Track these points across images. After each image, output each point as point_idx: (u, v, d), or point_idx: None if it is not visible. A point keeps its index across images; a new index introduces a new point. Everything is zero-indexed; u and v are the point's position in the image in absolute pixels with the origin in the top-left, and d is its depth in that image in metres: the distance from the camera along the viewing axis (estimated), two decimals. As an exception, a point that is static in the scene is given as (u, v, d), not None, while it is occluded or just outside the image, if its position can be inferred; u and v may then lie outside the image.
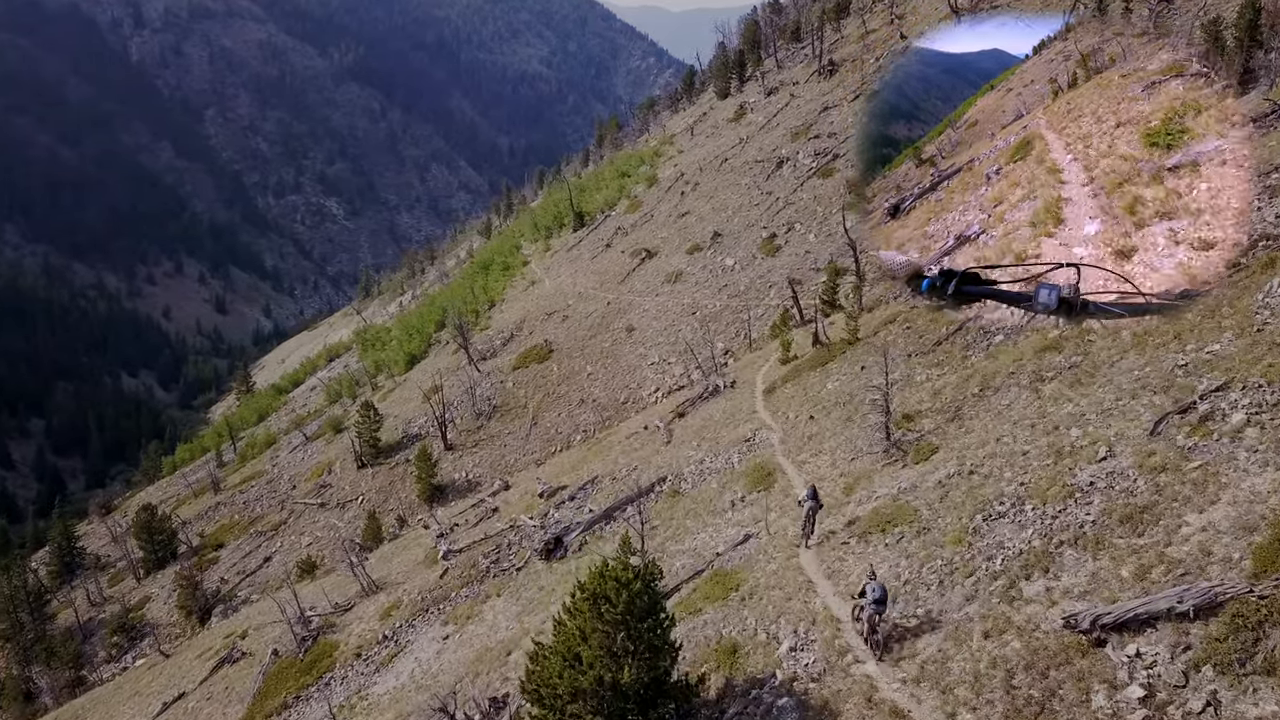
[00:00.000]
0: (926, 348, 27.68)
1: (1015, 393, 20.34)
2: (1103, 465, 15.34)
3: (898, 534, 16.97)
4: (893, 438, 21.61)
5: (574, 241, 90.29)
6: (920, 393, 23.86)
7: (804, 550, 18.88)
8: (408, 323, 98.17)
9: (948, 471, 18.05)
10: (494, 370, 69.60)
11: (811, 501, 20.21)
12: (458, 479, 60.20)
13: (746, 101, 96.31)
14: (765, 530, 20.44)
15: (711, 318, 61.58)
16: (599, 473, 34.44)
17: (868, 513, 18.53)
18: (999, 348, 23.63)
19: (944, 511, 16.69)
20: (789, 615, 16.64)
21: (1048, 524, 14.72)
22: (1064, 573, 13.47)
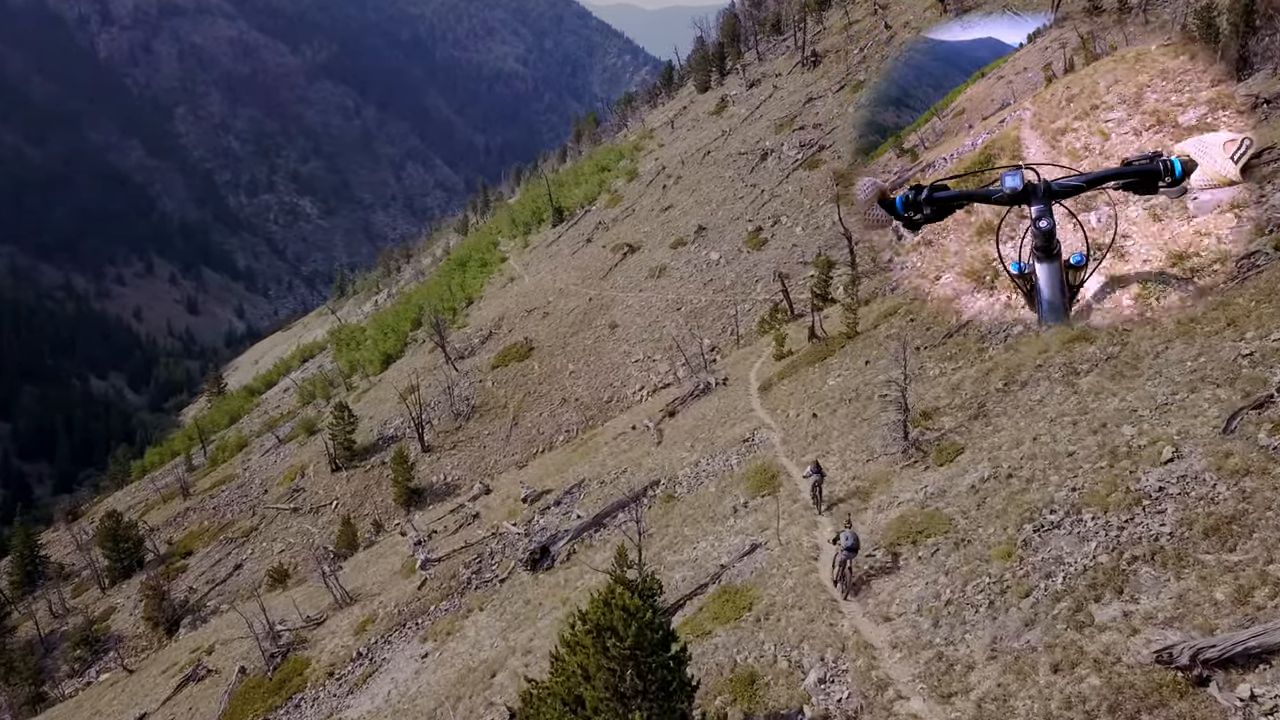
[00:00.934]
0: (936, 340, 25.97)
1: (1047, 387, 18.61)
2: (1170, 468, 13.58)
3: (932, 546, 15.14)
4: (910, 436, 19.86)
5: (553, 237, 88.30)
6: (936, 388, 22.11)
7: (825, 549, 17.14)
8: (383, 321, 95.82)
9: (981, 474, 16.28)
10: (472, 369, 67.50)
11: (816, 475, 20.97)
12: (436, 482, 58.11)
13: (728, 94, 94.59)
14: (776, 540, 18.61)
15: (697, 313, 59.80)
16: (586, 476, 32.54)
17: (892, 521, 16.73)
18: (1020, 340, 21.94)
19: (984, 520, 14.85)
20: (813, 640, 14.79)
21: (1114, 536, 12.90)
22: (1142, 594, 11.66)
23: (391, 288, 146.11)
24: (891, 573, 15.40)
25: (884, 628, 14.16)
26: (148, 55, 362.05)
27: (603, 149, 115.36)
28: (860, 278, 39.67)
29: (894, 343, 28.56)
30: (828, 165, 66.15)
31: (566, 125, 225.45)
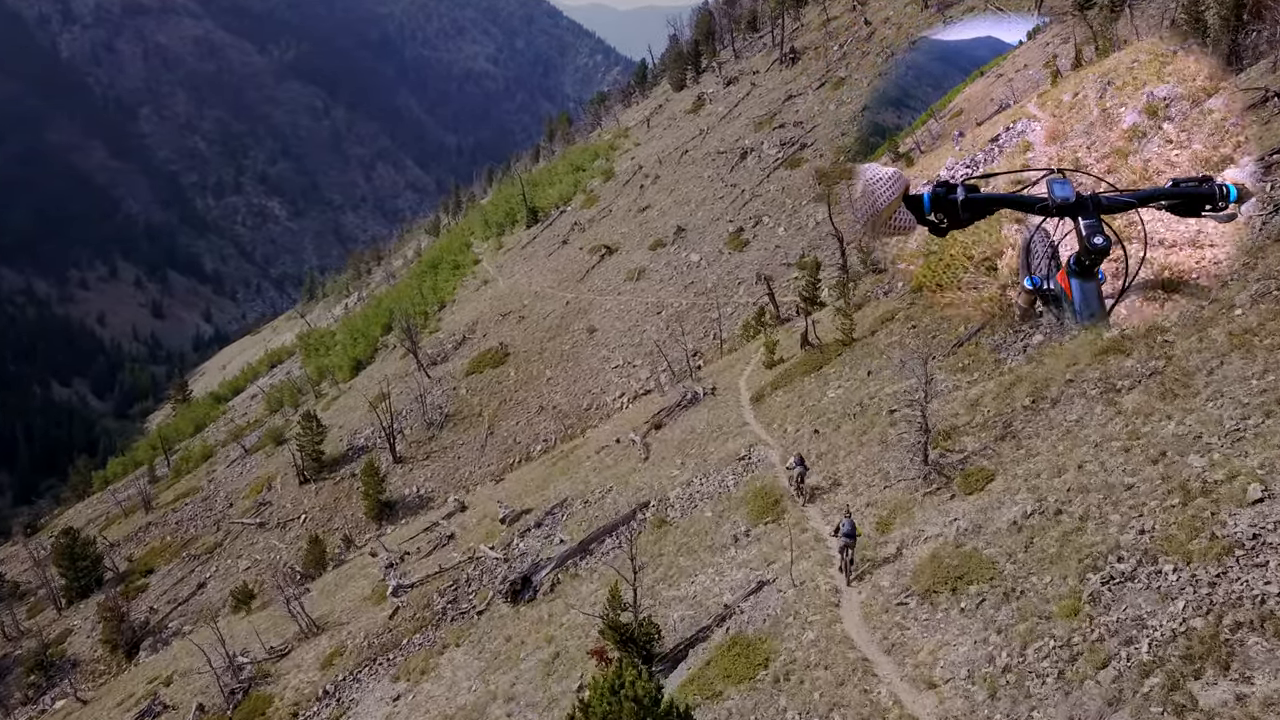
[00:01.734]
0: (944, 349, 24.23)
1: (1083, 405, 16.84)
2: (1262, 511, 11.68)
3: (976, 595, 13.19)
4: (930, 459, 18.07)
5: (528, 239, 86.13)
6: (952, 404, 20.34)
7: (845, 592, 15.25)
8: (353, 326, 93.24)
9: (1023, 509, 14.43)
10: (445, 376, 65.29)
11: (800, 468, 21.36)
12: (408, 494, 55.90)
13: (704, 92, 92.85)
14: (788, 580, 16.71)
15: (678, 317, 57.93)
16: (568, 494, 30.55)
17: (922, 560, 14.84)
18: (1042, 349, 20.22)
19: (1035, 566, 12.93)
20: (846, 710, 12.78)
21: (1205, 594, 10.98)
22: (1255, 671, 9.78)
23: (362, 290, 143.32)
24: (931, 625, 13.46)
25: (928, 696, 12.22)
26: (110, 55, 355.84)
27: (577, 148, 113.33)
28: (852, 281, 37.93)
29: (897, 351, 26.83)
30: (810, 164, 64.51)
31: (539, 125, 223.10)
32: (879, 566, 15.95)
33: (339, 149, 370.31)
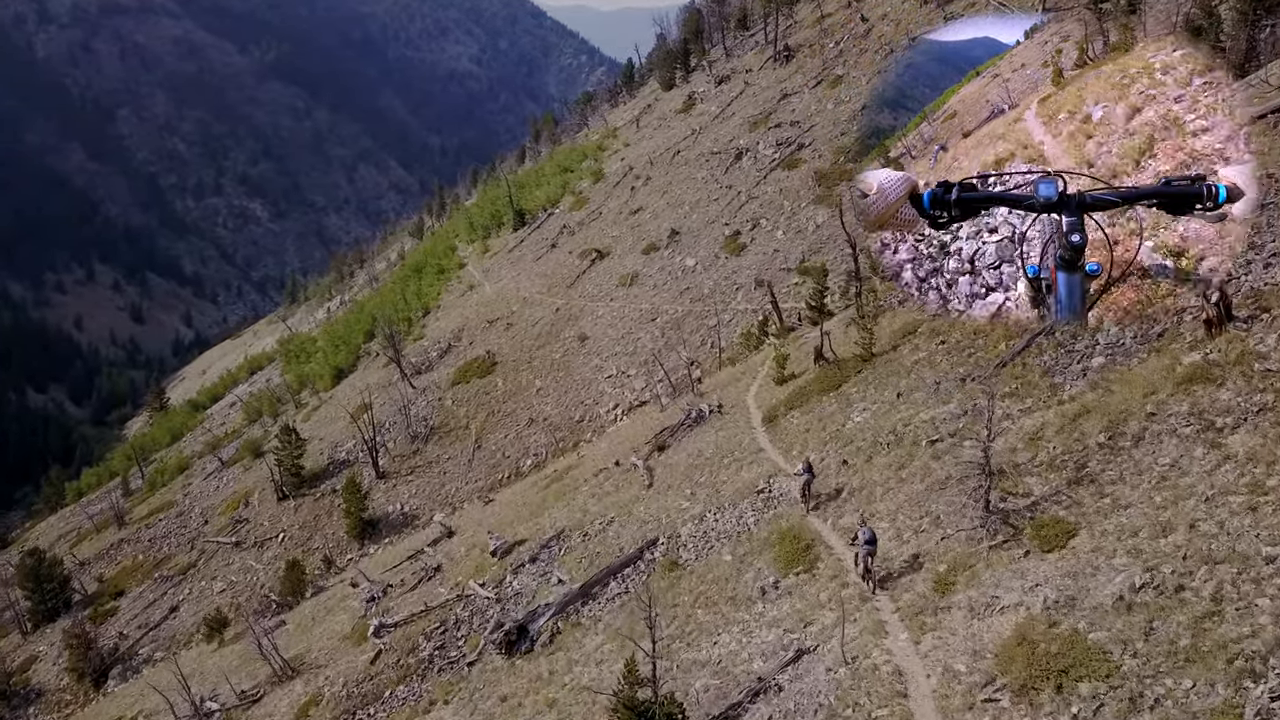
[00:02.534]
0: (983, 369, 21.86)
1: (1177, 446, 14.40)
2: None
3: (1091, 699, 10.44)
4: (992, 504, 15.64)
5: (515, 242, 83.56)
6: (1006, 436, 17.95)
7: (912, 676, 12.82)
8: (334, 332, 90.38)
9: (1128, 579, 11.86)
10: (430, 386, 62.65)
11: (807, 475, 20.85)
12: (392, 512, 53.30)
13: (695, 91, 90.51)
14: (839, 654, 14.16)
15: (673, 324, 55.52)
16: (565, 524, 28.04)
17: (1006, 639, 12.29)
18: (1108, 375, 17.85)
19: (1165, 663, 10.26)
20: None
21: None
22: None
23: (345, 294, 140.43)
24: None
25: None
26: (88, 55, 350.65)
27: (564, 149, 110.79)
28: (865, 289, 35.52)
29: (928, 371, 24.41)
30: (808, 165, 62.25)
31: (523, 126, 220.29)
32: (945, 638, 13.50)
33: (321, 150, 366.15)
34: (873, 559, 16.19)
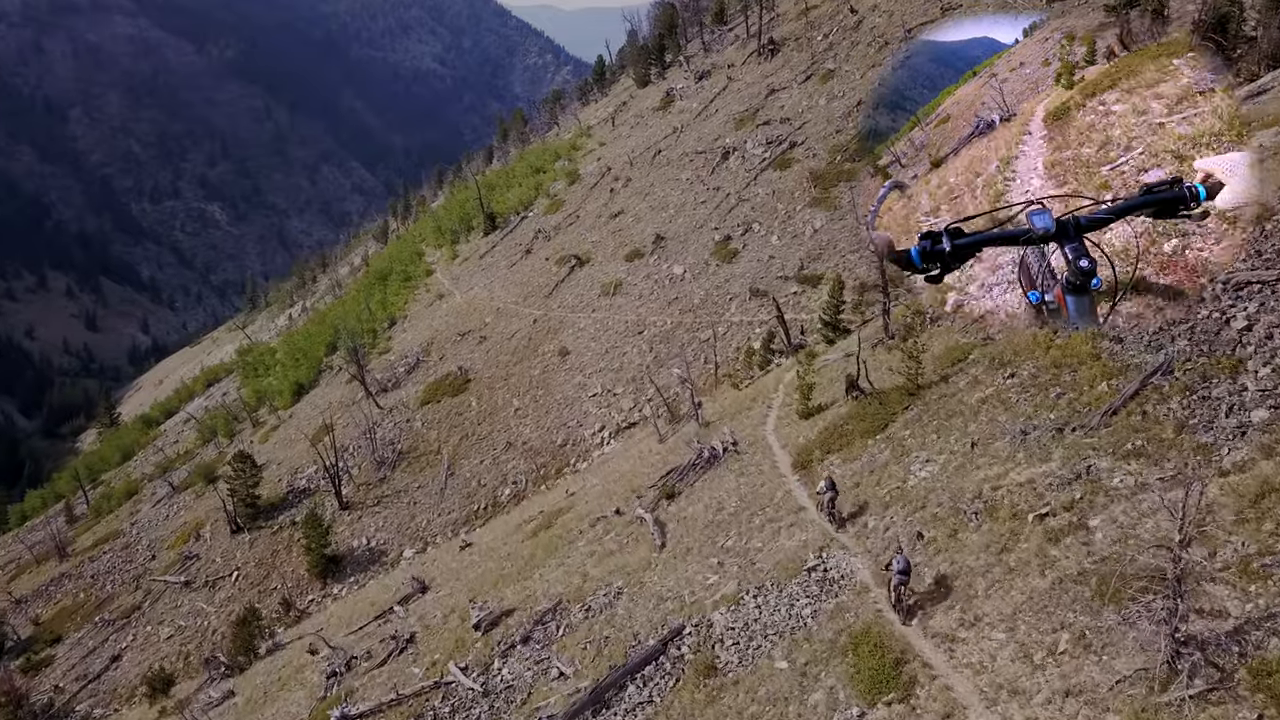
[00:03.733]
0: (1083, 416, 17.80)
1: None
2: None
3: None
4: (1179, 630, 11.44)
5: (486, 247, 78.90)
6: (1157, 519, 13.85)
7: None
8: (294, 343, 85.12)
9: None
10: (398, 405, 57.97)
11: (831, 492, 20.38)
12: (357, 547, 48.68)
13: (673, 88, 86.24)
14: None
15: (662, 338, 51.30)
16: (560, 591, 23.66)
17: None
18: (1276, 432, 13.93)
19: None
20: None
21: None
22: None
23: (307, 300, 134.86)
24: None
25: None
26: (39, 54, 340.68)
27: (535, 149, 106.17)
28: (892, 305, 31.43)
29: (1000, 412, 20.30)
30: (802, 165, 58.24)
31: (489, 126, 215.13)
32: None
33: (282, 151, 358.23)
34: (905, 588, 15.61)
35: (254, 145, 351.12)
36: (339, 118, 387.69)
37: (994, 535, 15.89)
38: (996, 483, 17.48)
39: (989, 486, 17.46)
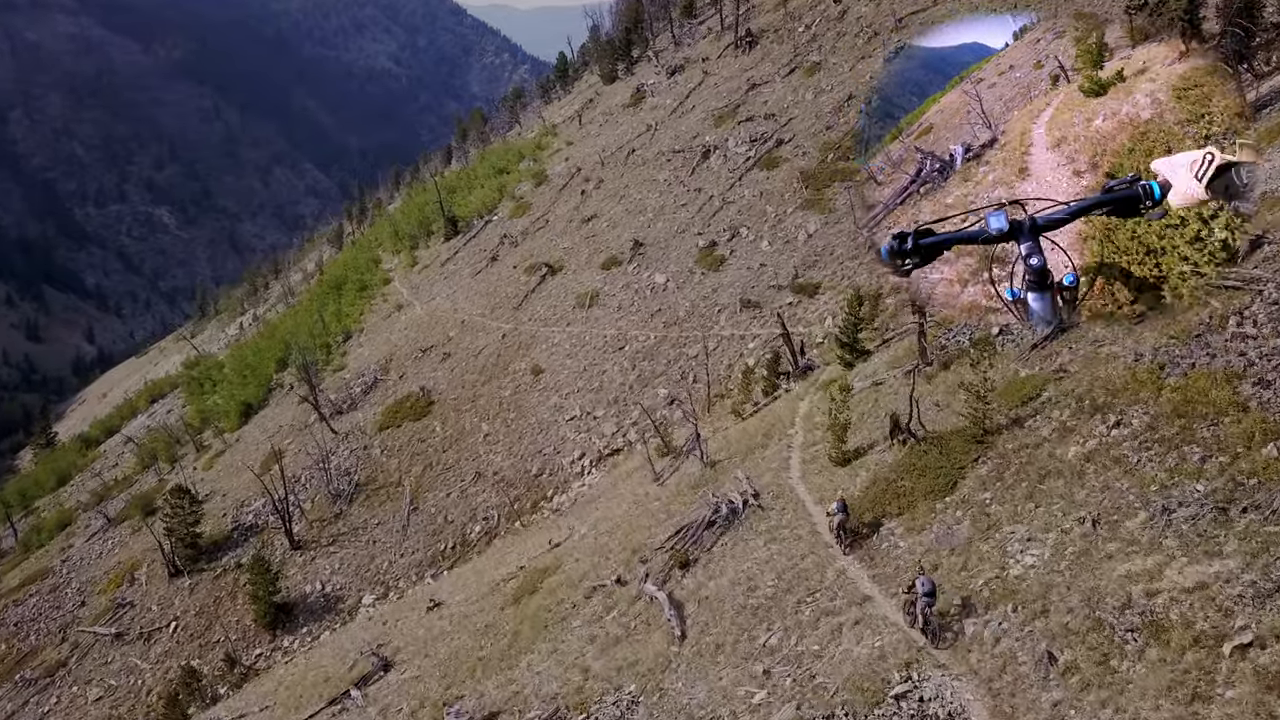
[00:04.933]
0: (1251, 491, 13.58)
1: None
2: None
3: None
4: None
5: (448, 253, 73.91)
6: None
7: None
8: (242, 358, 79.44)
9: None
10: (354, 430, 52.96)
11: (842, 514, 19.63)
12: (310, 593, 43.71)
13: (644, 84, 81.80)
14: None
15: (645, 354, 46.89)
16: (555, 692, 18.97)
17: None
18: None
19: None
20: None
21: None
22: None
23: (259, 307, 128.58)
24: None
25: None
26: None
27: (497, 149, 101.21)
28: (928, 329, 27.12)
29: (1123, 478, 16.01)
30: (790, 164, 54.11)
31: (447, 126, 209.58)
32: None
33: (233, 153, 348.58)
34: (931, 609, 15.44)
35: (203, 147, 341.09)
36: (292, 118, 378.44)
37: (1173, 672, 11.56)
38: (1150, 585, 13.17)
39: (1140, 590, 13.14)
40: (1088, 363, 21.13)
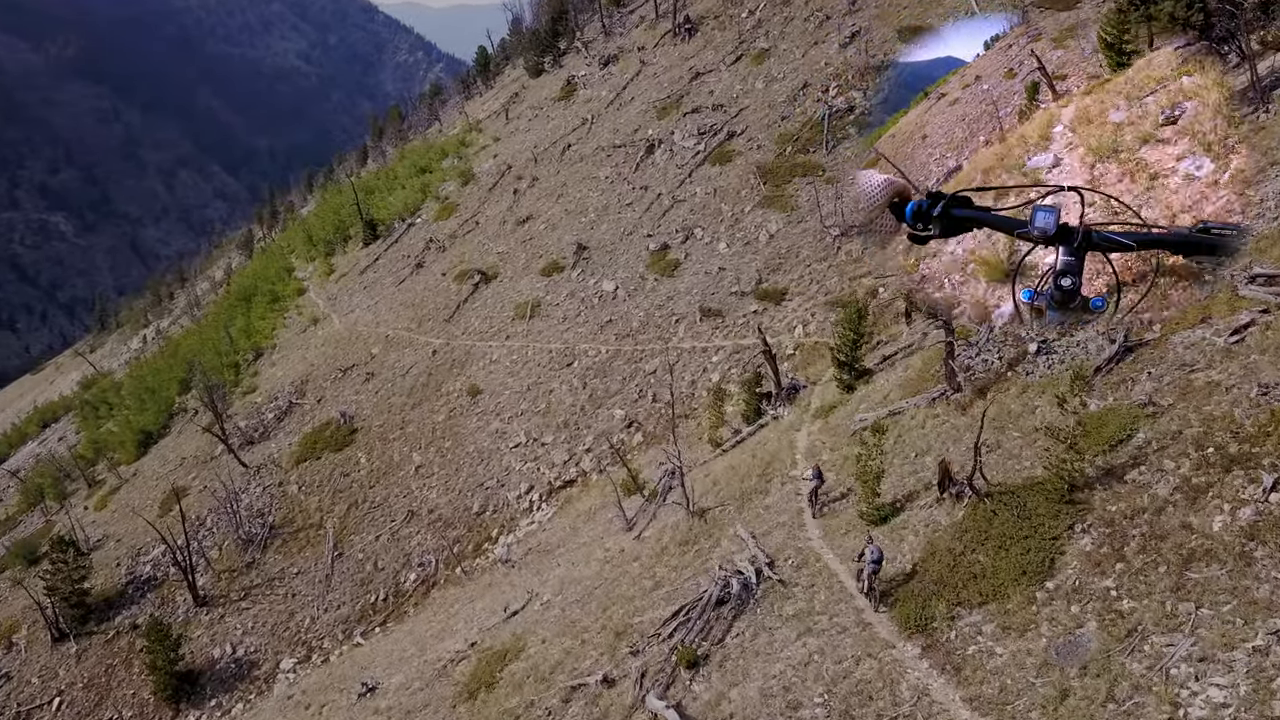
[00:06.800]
0: None
1: None
2: None
3: None
4: None
5: (367, 260, 68.01)
6: None
7: None
8: (141, 379, 72.25)
9: None
10: (267, 464, 47.09)
11: (816, 480, 20.98)
12: (219, 658, 37.94)
13: (575, 76, 76.78)
14: None
15: (597, 370, 42.10)
16: None
17: None
18: None
19: None
20: None
21: None
22: None
23: (162, 320, 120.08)
24: None
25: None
26: None
27: (417, 147, 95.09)
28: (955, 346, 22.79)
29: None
30: (745, 158, 49.85)
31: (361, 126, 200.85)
32: None
33: (134, 155, 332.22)
34: (876, 577, 16.05)
35: (101, 150, 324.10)
36: (196, 119, 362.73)
37: None
38: None
39: None
40: (1183, 394, 17.02)
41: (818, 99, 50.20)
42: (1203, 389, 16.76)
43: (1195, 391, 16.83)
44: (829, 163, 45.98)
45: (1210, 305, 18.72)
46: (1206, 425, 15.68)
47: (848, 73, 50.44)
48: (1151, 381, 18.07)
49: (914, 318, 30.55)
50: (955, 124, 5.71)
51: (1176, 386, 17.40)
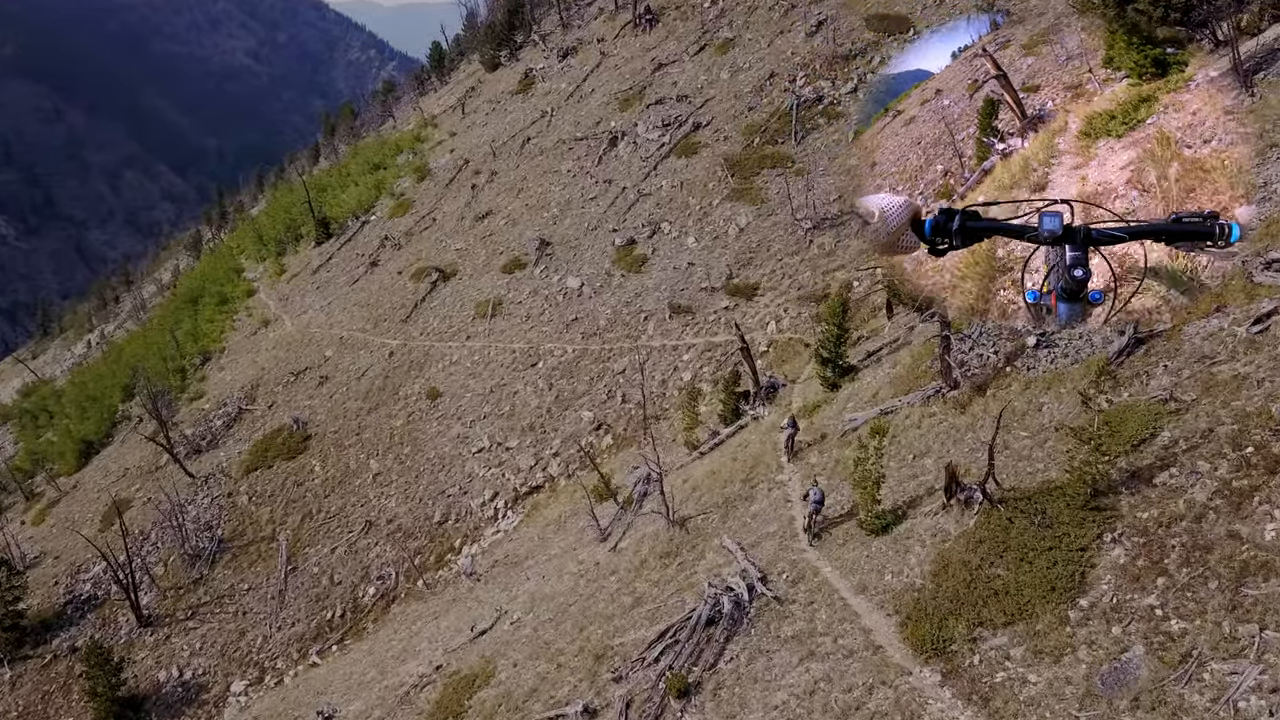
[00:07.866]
0: None
1: None
2: None
3: None
4: None
5: (320, 259, 65.62)
6: None
7: None
8: (83, 386, 69.22)
9: None
10: (216, 473, 44.77)
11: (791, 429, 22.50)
12: (165, 681, 35.76)
13: (533, 69, 74.88)
14: None
15: (563, 371, 40.37)
16: None
17: None
18: None
19: None
20: None
21: None
22: None
23: (108, 324, 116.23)
24: None
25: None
26: None
27: (370, 144, 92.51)
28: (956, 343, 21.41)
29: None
30: (711, 150, 48.38)
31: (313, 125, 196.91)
32: None
33: (77, 156, 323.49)
34: (818, 515, 18.09)
35: (44, 151, 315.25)
36: (142, 119, 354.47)
37: None
38: None
39: None
40: (1207, 388, 15.73)
41: (785, 89, 48.92)
42: (1229, 383, 15.48)
43: (1220, 386, 15.55)
44: (798, 153, 44.69)
45: (1224, 294, 17.51)
46: (1240, 422, 14.36)
47: (815, 62, 49.23)
48: (1169, 375, 16.77)
49: (896, 311, 29.27)
50: (910, 148, 5.46)
51: (1198, 380, 16.12)
